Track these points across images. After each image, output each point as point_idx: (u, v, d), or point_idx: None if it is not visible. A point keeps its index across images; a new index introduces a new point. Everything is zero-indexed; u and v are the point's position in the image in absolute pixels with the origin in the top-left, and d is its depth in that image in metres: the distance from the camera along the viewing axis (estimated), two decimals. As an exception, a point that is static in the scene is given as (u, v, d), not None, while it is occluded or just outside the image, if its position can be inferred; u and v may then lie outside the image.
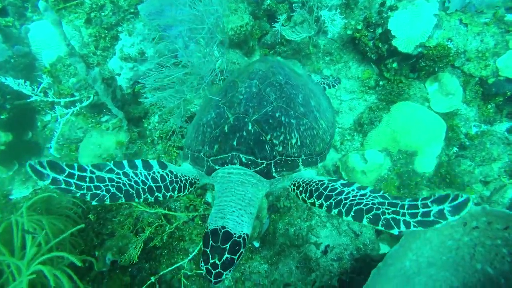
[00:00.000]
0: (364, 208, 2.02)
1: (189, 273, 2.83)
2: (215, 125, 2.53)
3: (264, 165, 2.34)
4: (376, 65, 5.35)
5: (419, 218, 1.89)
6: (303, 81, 3.17)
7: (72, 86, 3.51)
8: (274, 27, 5.25)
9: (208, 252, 2.05)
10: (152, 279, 2.67)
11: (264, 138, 2.38)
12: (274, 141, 2.40)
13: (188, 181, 2.50)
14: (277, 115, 2.50)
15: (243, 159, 2.33)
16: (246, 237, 2.15)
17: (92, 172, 2.20)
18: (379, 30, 4.94)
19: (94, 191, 2.14)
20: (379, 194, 2.09)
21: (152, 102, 3.04)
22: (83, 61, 3.03)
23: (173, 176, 2.42)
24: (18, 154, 5.17)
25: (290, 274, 4.43)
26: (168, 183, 2.37)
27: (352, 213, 2.04)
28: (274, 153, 2.37)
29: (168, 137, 3.88)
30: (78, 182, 2.13)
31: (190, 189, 2.50)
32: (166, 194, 2.36)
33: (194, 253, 3.00)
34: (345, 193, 2.15)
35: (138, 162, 2.36)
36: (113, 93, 3.59)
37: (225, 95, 2.71)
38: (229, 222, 2.15)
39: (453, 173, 4.73)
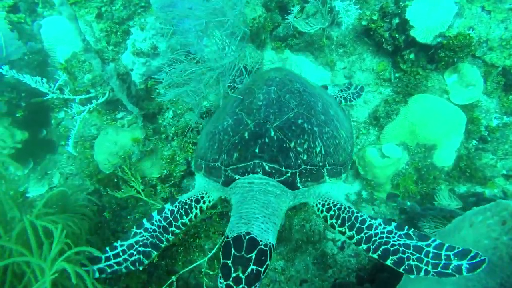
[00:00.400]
0: (391, 249, 2.04)
1: (211, 273, 2.81)
2: (233, 132, 2.37)
3: (289, 174, 2.20)
4: (392, 57, 5.21)
5: (439, 269, 1.96)
6: (319, 92, 3.08)
7: (87, 83, 3.48)
8: (287, 19, 5.13)
9: (230, 264, 1.79)
10: (173, 278, 2.65)
11: (288, 145, 2.25)
12: (299, 148, 2.27)
13: (194, 199, 2.42)
14: (299, 121, 2.38)
15: (267, 168, 2.18)
16: (272, 246, 1.96)
17: (121, 245, 2.38)
18: (396, 20, 4.79)
19: (131, 259, 2.33)
20: (403, 232, 2.09)
21: (169, 99, 2.97)
22: (99, 57, 2.98)
23: (179, 205, 2.42)
24: (33, 152, 5.18)
25: (307, 270, 4.39)
26: (176, 213, 2.39)
27: (379, 252, 2.06)
28: (299, 161, 2.24)
29: (184, 133, 3.83)
30: (117, 260, 2.36)
31: (197, 206, 2.41)
32: (177, 223, 2.37)
33: (214, 251, 2.97)
34: (373, 227, 2.13)
35: (154, 213, 2.43)
36: (128, 89, 3.55)
37: (242, 101, 2.59)
38: (255, 228, 1.95)
39: (473, 167, 4.60)
